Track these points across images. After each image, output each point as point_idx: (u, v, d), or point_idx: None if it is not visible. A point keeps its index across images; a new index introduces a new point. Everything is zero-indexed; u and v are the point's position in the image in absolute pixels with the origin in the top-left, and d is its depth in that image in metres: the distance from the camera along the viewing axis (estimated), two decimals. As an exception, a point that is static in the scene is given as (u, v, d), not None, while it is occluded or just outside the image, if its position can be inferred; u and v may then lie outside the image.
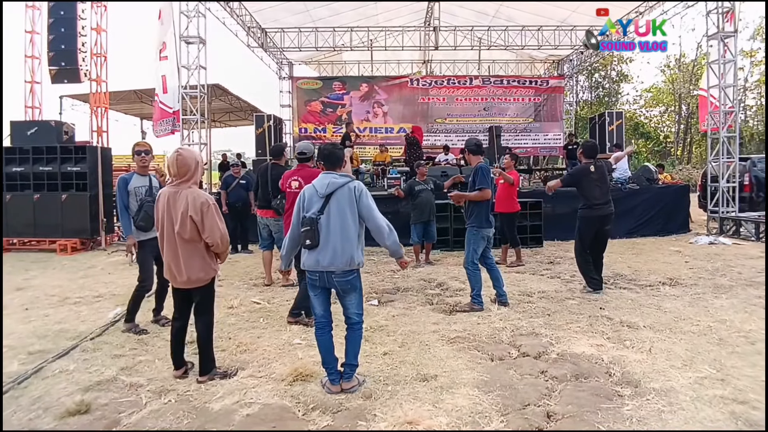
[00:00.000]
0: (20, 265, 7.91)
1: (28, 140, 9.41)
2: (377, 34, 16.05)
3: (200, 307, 3.40)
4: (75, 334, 4.38)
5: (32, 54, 10.48)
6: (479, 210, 5.00)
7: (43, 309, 5.29)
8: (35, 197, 9.22)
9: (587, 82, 29.66)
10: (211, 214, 3.19)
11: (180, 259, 3.23)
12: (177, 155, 3.26)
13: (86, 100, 12.09)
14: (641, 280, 6.27)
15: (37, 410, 3.00)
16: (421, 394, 3.12)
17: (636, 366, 3.50)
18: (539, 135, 17.27)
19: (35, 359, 3.80)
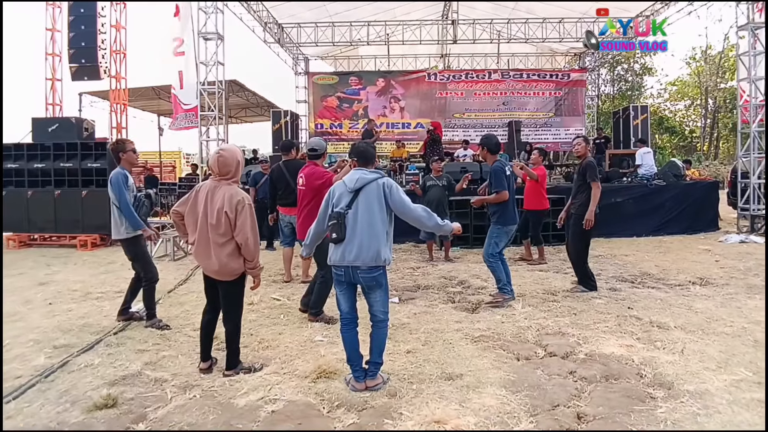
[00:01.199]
0: (42, 260, 8.02)
1: (49, 137, 9.54)
2: (394, 28, 15.93)
3: (227, 302, 3.42)
4: (98, 329, 4.43)
5: (53, 52, 10.65)
6: (504, 208, 4.98)
7: (66, 304, 5.35)
8: (56, 193, 9.36)
9: (609, 75, 29.01)
10: (245, 213, 3.23)
11: (212, 249, 3.26)
12: (218, 156, 3.31)
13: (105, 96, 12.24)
14: (670, 279, 6.09)
15: (65, 403, 3.03)
16: (447, 393, 3.07)
17: (668, 367, 3.39)
18: (560, 130, 16.92)
19: (61, 353, 3.84)
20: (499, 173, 4.95)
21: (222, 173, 3.30)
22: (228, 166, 3.29)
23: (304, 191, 4.72)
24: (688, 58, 30.66)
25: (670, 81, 31.91)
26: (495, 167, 4.97)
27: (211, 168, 3.36)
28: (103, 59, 10.06)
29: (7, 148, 9.62)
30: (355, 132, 16.29)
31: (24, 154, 9.53)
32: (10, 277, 6.69)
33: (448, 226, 3.30)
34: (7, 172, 9.55)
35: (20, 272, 7.08)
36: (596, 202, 5.22)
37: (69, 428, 2.78)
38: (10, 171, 9.52)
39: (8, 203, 9.58)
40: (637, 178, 10.34)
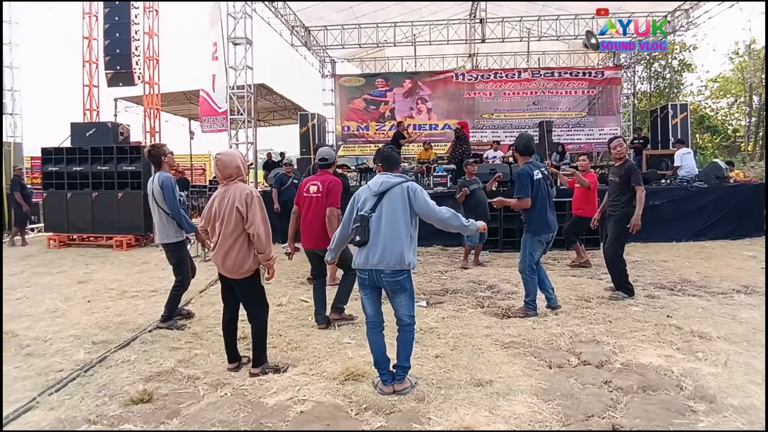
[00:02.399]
0: (81, 259, 8.41)
1: (86, 141, 9.94)
2: (421, 28, 15.87)
3: (247, 301, 3.49)
4: (134, 326, 4.60)
5: (90, 59, 11.01)
6: (532, 215, 4.71)
7: (103, 301, 5.58)
8: (93, 195, 9.75)
9: (646, 72, 28.05)
10: (255, 205, 3.33)
11: (222, 250, 3.36)
12: (217, 161, 3.46)
13: (139, 102, 12.60)
14: (712, 286, 5.81)
15: (103, 397, 3.16)
16: (476, 400, 3.02)
17: (710, 380, 3.24)
18: (594, 130, 16.46)
19: (99, 349, 4.01)
20: (523, 177, 4.69)
21: (224, 176, 3.42)
22: (227, 168, 3.40)
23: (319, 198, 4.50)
24: (730, 53, 29.34)
25: (711, 77, 30.60)
26: (520, 171, 4.75)
27: (216, 174, 3.49)
28: (137, 66, 10.36)
29: (48, 152, 10.12)
30: (382, 134, 16.29)
31: (63, 157, 9.95)
32: (52, 276, 7.05)
33: (473, 225, 3.27)
34: (48, 175, 10.02)
35: (60, 271, 7.42)
36: (642, 205, 5.10)
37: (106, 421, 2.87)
38: (51, 174, 9.97)
39: (49, 205, 10.10)
40: (676, 180, 9.93)
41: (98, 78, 11.04)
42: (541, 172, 4.76)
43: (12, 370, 3.61)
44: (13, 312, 5.12)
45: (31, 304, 5.47)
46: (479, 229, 3.31)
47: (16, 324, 4.67)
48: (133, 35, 10.34)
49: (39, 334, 4.41)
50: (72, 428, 2.80)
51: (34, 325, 4.67)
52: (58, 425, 2.83)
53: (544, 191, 4.72)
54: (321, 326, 4.46)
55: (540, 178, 4.71)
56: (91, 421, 2.87)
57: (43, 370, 3.59)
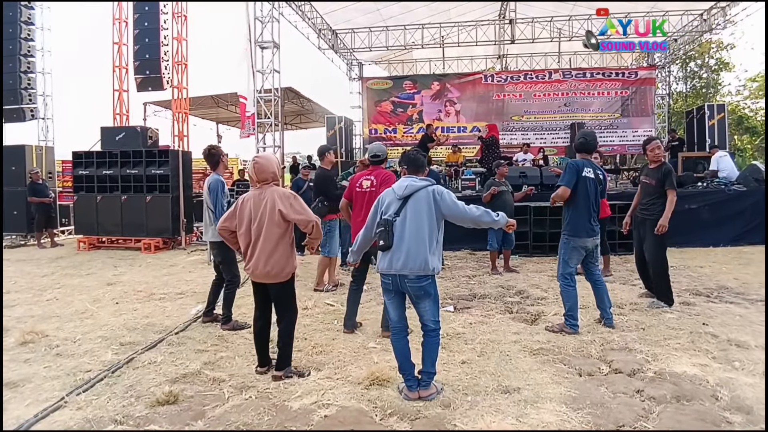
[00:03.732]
0: (110, 261, 8.55)
1: (116, 145, 10.10)
2: (449, 29, 15.79)
3: (279, 305, 3.52)
4: (161, 328, 4.66)
5: (120, 64, 11.21)
6: (572, 214, 4.45)
7: (131, 303, 5.64)
8: (123, 198, 9.86)
9: (681, 72, 27.16)
10: (299, 200, 3.42)
11: (265, 254, 3.37)
12: (254, 163, 3.50)
13: (168, 106, 12.79)
14: (751, 293, 5.60)
15: (130, 398, 3.20)
16: (503, 407, 2.98)
17: (747, 390, 3.13)
18: (627, 131, 16.06)
19: (126, 350, 4.07)
20: (570, 168, 4.46)
21: (260, 179, 3.45)
22: (264, 172, 3.45)
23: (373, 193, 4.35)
24: (771, 51, 28.12)
25: (750, 77, 29.40)
26: (569, 162, 4.59)
27: (251, 176, 3.53)
28: (166, 70, 10.50)
29: (79, 155, 10.31)
30: (410, 137, 16.28)
31: (94, 161, 10.09)
32: (81, 277, 7.20)
33: (503, 219, 3.22)
34: (78, 179, 10.21)
35: (89, 272, 7.55)
36: (672, 209, 4.96)
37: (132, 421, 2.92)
38: (81, 177, 10.13)
39: (80, 208, 10.29)
40: (714, 182, 9.59)
41: (128, 83, 11.22)
42: (596, 174, 4.48)
43: (42, 369, 3.68)
44: (44, 313, 5.23)
45: (60, 305, 5.56)
46: (508, 224, 3.26)
47: (46, 325, 4.75)
48: (162, 40, 10.44)
49: (68, 334, 4.49)
50: (99, 428, 2.84)
51: (64, 326, 4.75)
52: (85, 425, 2.88)
53: (590, 192, 4.41)
54: (347, 331, 4.44)
55: (591, 177, 4.43)
56: (118, 422, 2.91)
57: (71, 371, 3.64)
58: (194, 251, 9.52)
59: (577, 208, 4.44)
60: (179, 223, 9.94)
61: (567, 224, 4.52)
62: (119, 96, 11.32)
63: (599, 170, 4.58)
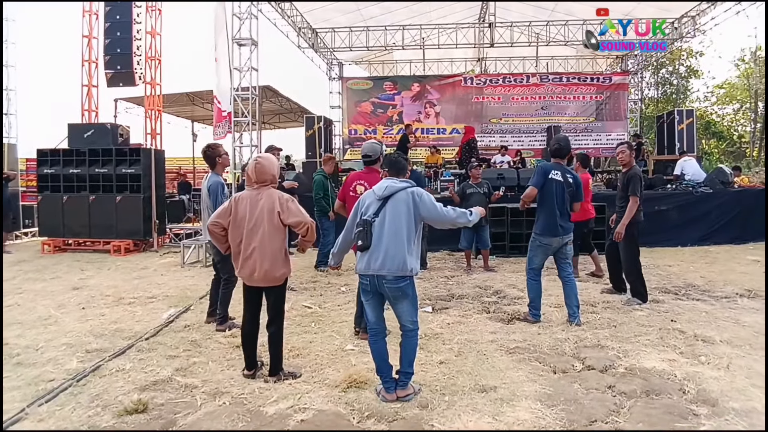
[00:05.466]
0: (76, 265, 8.16)
1: (84, 143, 9.64)
2: (430, 31, 15.88)
3: (273, 309, 3.49)
4: (130, 334, 4.49)
5: (89, 58, 10.75)
6: (539, 214, 4.73)
7: (99, 308, 5.42)
8: (91, 198, 9.45)
9: (653, 78, 27.99)
10: (296, 204, 3.40)
11: (261, 256, 3.34)
12: (256, 164, 3.44)
13: (140, 103, 12.33)
14: (716, 291, 5.84)
15: (96, 408, 3.07)
16: (480, 406, 3.02)
17: (713, 383, 3.27)
18: (601, 135, 16.44)
19: (93, 357, 3.91)
20: (538, 170, 4.79)
21: (260, 180, 3.41)
22: (265, 173, 3.41)
23: None
24: (736, 60, 29.25)
25: (717, 84, 30.54)
26: (539, 165, 4.90)
27: (249, 175, 3.46)
28: (139, 66, 10.08)
29: (43, 153, 9.77)
30: (389, 138, 16.31)
31: (60, 159, 9.63)
32: (45, 282, 6.82)
33: (476, 215, 3.30)
34: (43, 178, 9.70)
35: (54, 277, 7.20)
36: (630, 216, 5.13)
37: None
38: (46, 176, 9.65)
39: (44, 208, 9.77)
40: (682, 185, 9.94)
41: (98, 78, 10.77)
42: (565, 177, 4.66)
43: (0, 380, 3.47)
44: (4, 320, 4.88)
45: (22, 312, 5.28)
46: (480, 214, 3.37)
47: (7, 332, 4.49)
48: (135, 34, 10.03)
49: (30, 342, 4.26)
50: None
51: (25, 333, 4.53)
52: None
53: (556, 193, 4.62)
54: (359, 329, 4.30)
55: (558, 180, 4.62)
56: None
57: (33, 380, 3.46)
58: (167, 253, 9.26)
59: (544, 208, 4.68)
60: (151, 225, 9.64)
61: (535, 223, 4.77)
62: (88, 91, 10.85)
63: (570, 174, 4.75)
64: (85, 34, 10.75)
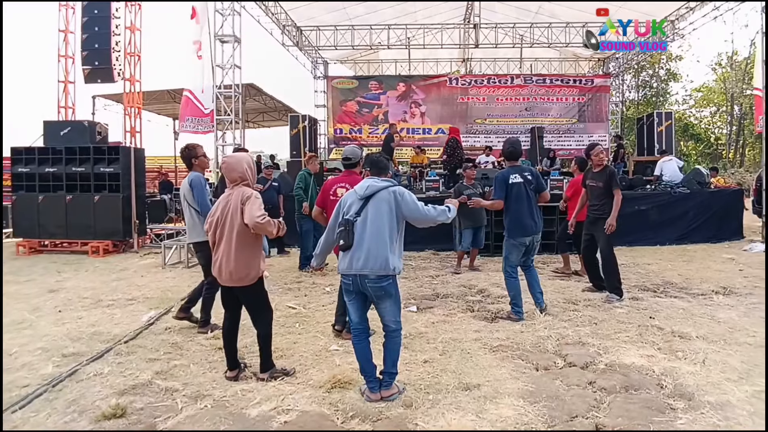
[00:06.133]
0: (53, 266, 7.90)
1: (61, 140, 9.36)
2: (415, 31, 15.96)
3: (251, 308, 3.46)
4: (109, 337, 4.38)
5: (66, 53, 10.44)
6: (507, 217, 4.91)
7: (76, 311, 5.26)
8: (67, 198, 9.16)
9: (634, 80, 28.53)
10: (252, 201, 3.29)
11: (227, 255, 3.32)
12: (224, 163, 3.46)
13: (119, 100, 12.11)
14: (693, 288, 5.98)
15: (72, 413, 3.00)
16: (463, 404, 3.05)
17: (689, 378, 3.35)
18: (583, 136, 16.69)
19: (69, 362, 3.79)
20: (498, 182, 4.91)
21: (230, 179, 3.41)
22: (233, 171, 3.40)
23: None
24: (713, 64, 30.02)
25: (695, 87, 31.29)
26: (497, 175, 5.03)
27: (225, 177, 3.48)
28: (117, 62, 9.80)
29: (18, 151, 9.47)
30: (375, 137, 16.33)
31: (35, 158, 9.35)
32: (19, 284, 6.56)
33: (453, 211, 3.33)
34: (18, 177, 9.38)
35: (29, 279, 6.96)
36: (619, 207, 5.34)
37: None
38: (21, 175, 9.37)
39: (19, 209, 9.45)
40: (661, 185, 10.17)
41: (75, 74, 10.45)
42: (524, 177, 4.85)
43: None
44: None
45: None
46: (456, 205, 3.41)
47: None
48: (114, 30, 9.77)
49: (3, 347, 4.07)
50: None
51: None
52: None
53: (521, 195, 4.82)
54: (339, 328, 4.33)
55: (518, 182, 4.82)
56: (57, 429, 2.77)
57: (6, 386, 3.32)
58: (147, 254, 9.06)
59: (510, 211, 4.86)
60: (131, 225, 9.41)
61: (506, 227, 4.95)
62: (65, 88, 10.52)
63: (527, 171, 4.97)
64: (62, 29, 10.45)
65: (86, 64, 9.93)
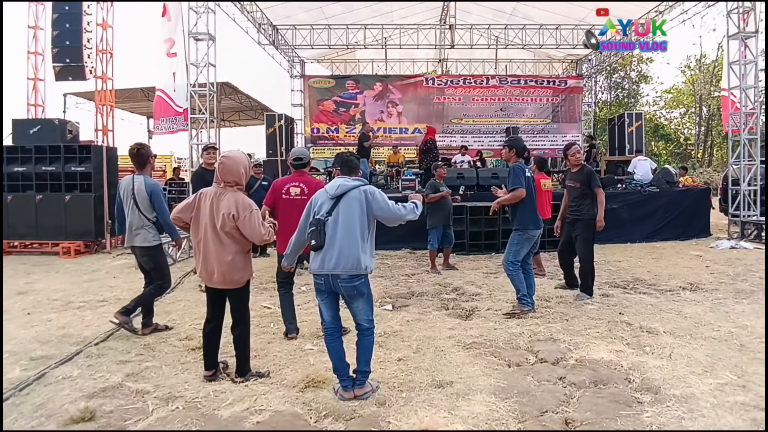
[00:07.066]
0: (22, 268, 7.72)
1: (30, 139, 9.19)
2: (392, 31, 15.97)
3: (236, 310, 3.43)
4: (79, 340, 4.29)
5: (35, 50, 10.26)
6: (523, 210, 4.89)
7: (45, 314, 5.16)
8: (38, 198, 8.98)
9: (606, 82, 29.21)
10: (253, 220, 3.24)
11: (218, 258, 3.26)
12: (220, 163, 3.32)
13: (91, 98, 11.92)
14: (661, 284, 6.15)
15: (40, 417, 2.94)
16: (436, 401, 3.07)
17: (656, 372, 3.43)
18: (557, 136, 16.99)
19: (38, 365, 3.71)
20: (518, 170, 4.89)
21: (226, 180, 3.28)
22: (231, 174, 3.28)
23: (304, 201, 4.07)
24: (682, 67, 30.96)
25: (665, 89, 32.20)
26: (515, 165, 4.93)
27: (217, 175, 3.33)
28: (89, 59, 9.65)
29: None
30: (352, 137, 16.27)
31: (3, 156, 9.00)
32: None
33: (419, 204, 3.31)
34: None
35: None
36: (604, 205, 5.46)
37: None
38: None
39: None
40: (631, 184, 10.43)
41: (45, 71, 10.25)
42: (529, 172, 5.02)
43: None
44: None
45: None
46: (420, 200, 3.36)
47: None
48: (85, 26, 9.59)
49: None
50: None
51: None
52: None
53: (532, 189, 4.92)
54: (292, 336, 4.29)
55: (529, 176, 4.95)
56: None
57: None
58: (120, 255, 8.84)
59: (525, 204, 4.88)
60: (103, 225, 9.21)
61: (520, 220, 4.91)
62: (34, 85, 10.32)
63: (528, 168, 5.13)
64: (31, 25, 10.19)
65: (57, 62, 9.73)
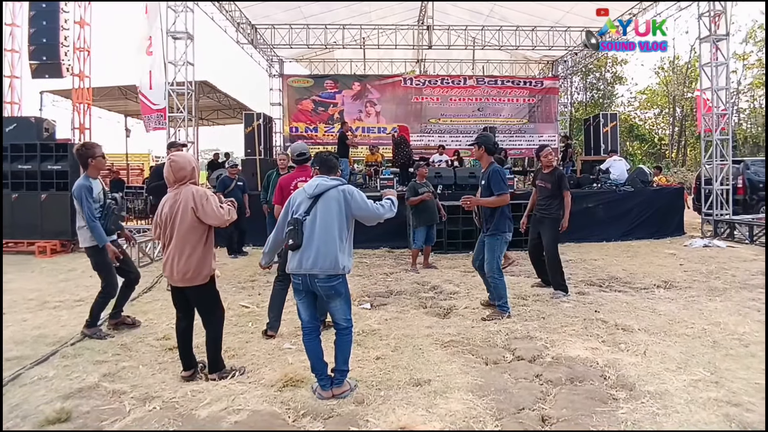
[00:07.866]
0: None
1: (6, 137, 8.99)
2: (370, 32, 15.98)
3: (201, 308, 3.40)
4: (55, 340, 4.23)
5: (12, 48, 10.12)
6: (501, 214, 4.76)
7: (20, 314, 5.08)
8: (13, 197, 8.78)
9: (582, 83, 29.74)
10: (211, 204, 3.26)
11: (179, 257, 3.24)
12: (171, 162, 3.32)
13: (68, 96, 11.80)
14: (636, 283, 6.25)
15: (15, 419, 2.89)
16: (414, 399, 3.06)
17: (631, 369, 3.48)
18: (534, 136, 17.25)
19: (13, 366, 3.65)
20: (502, 173, 4.75)
21: (178, 178, 3.30)
22: (182, 170, 3.30)
23: None
24: (656, 68, 31.73)
25: (639, 90, 32.94)
26: (497, 168, 4.76)
27: (167, 177, 3.33)
28: (66, 57, 9.57)
29: None
30: (330, 136, 16.24)
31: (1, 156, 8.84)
32: None
33: (395, 200, 3.32)
34: None
35: None
36: (570, 208, 5.54)
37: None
38: None
39: None
40: (606, 183, 10.61)
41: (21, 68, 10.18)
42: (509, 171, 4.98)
43: None
44: None
45: None
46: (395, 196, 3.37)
47: None
48: (63, 24, 9.49)
49: None
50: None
51: None
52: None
53: None
54: (271, 334, 4.24)
55: None
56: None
57: None
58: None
59: (503, 208, 4.79)
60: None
61: (497, 223, 4.74)
62: (10, 83, 10.19)
63: None
64: (8, 22, 9.97)
65: (34, 59, 9.61)
